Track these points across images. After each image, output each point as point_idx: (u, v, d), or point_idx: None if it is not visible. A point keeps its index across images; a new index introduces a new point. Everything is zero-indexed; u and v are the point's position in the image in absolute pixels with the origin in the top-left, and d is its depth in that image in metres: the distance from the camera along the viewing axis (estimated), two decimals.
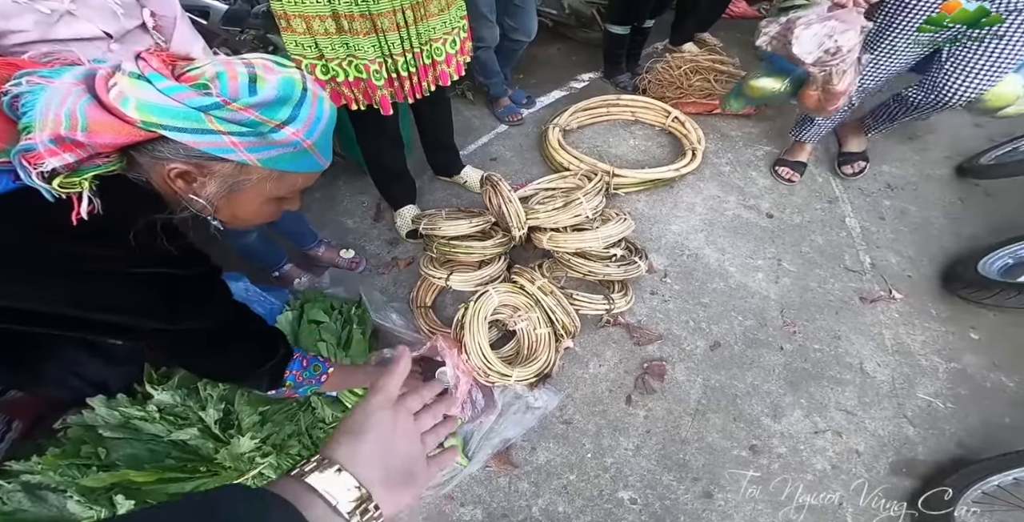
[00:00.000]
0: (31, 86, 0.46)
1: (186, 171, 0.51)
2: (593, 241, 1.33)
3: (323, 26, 0.97)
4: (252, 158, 0.51)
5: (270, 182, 0.56)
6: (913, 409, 1.24)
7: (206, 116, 0.47)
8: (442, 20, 1.08)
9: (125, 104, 0.45)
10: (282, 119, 0.50)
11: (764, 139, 2.03)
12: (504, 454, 1.14)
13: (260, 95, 0.49)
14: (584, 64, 2.54)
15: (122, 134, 0.46)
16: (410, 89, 1.11)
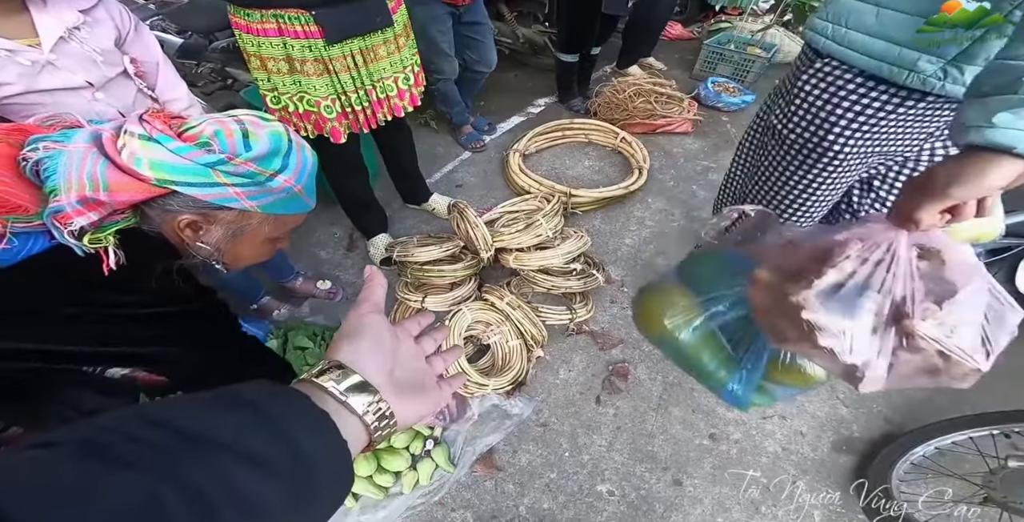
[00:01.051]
0: (48, 152, 0.51)
1: (194, 221, 0.58)
2: (554, 258, 1.48)
3: (276, 66, 1.08)
4: (253, 205, 0.59)
5: (267, 225, 0.64)
6: (844, 391, 1.43)
7: (214, 171, 0.54)
8: (391, 61, 1.20)
9: (139, 164, 0.52)
10: (276, 169, 0.58)
11: (702, 155, 2.30)
12: (488, 458, 1.23)
13: (256, 150, 0.56)
14: (540, 89, 2.77)
15: (139, 192, 0.53)
16: (364, 121, 1.23)
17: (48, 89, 0.81)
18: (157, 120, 0.55)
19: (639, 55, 2.97)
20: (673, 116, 2.41)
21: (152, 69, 0.97)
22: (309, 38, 1.02)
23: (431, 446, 1.22)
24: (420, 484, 1.18)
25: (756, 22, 3.68)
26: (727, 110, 2.72)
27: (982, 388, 1.20)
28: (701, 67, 3.15)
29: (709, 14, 4.08)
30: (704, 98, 2.73)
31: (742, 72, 2.98)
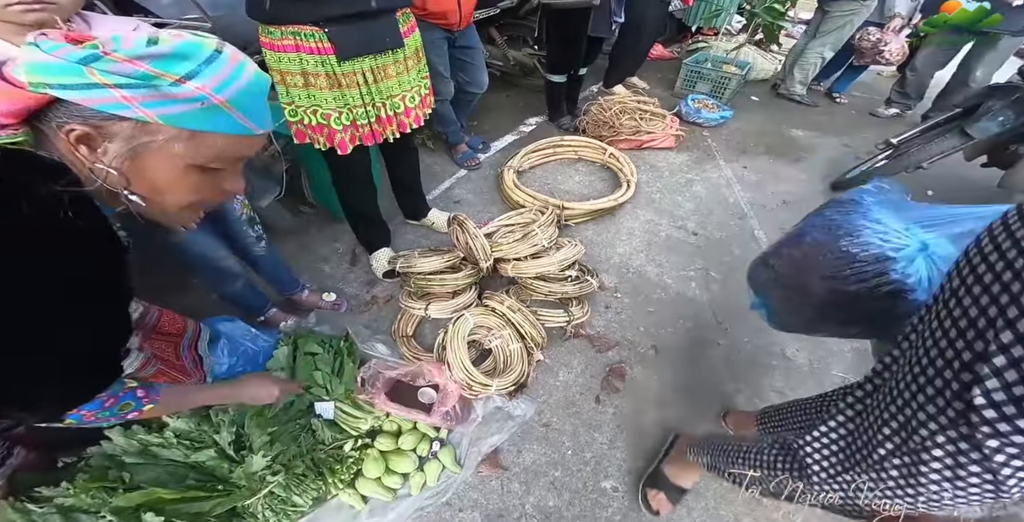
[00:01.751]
0: None
1: (85, 133, 0.50)
2: (550, 265, 1.57)
3: (293, 80, 1.18)
4: (150, 114, 0.49)
5: (180, 143, 0.53)
6: (831, 385, 1.50)
7: (87, 69, 0.46)
8: (399, 81, 1.29)
9: (16, 71, 0.47)
10: (181, 73, 0.49)
11: (685, 167, 2.44)
12: (493, 458, 1.28)
13: (155, 48, 0.48)
14: (531, 109, 2.93)
15: (14, 99, 0.47)
16: (370, 133, 1.32)
17: None
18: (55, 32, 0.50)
19: (625, 75, 3.17)
20: (657, 132, 2.57)
21: None
22: (322, 54, 1.13)
23: (437, 448, 1.27)
24: (428, 485, 1.22)
25: (731, 42, 3.95)
26: (707, 125, 2.89)
27: None
28: (681, 85, 3.36)
29: (687, 35, 4.35)
30: (685, 114, 2.90)
31: (720, 89, 3.18)
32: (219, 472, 1.02)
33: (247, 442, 1.07)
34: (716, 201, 2.23)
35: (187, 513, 0.95)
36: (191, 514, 0.95)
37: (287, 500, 1.10)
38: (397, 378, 1.33)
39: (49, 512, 0.87)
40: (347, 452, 1.21)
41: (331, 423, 1.23)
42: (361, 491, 1.19)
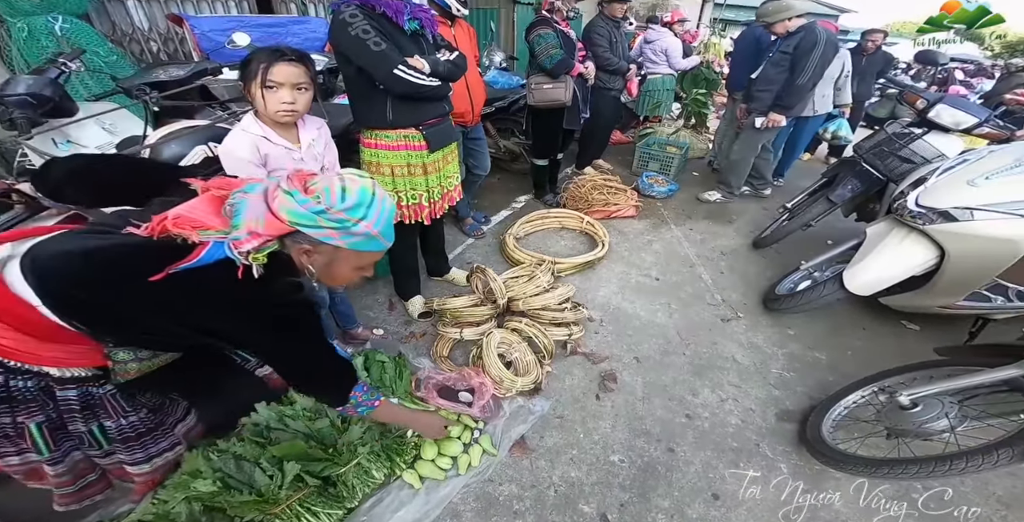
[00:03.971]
0: (237, 199, 0.85)
1: (307, 250, 0.89)
2: (551, 299, 2.18)
3: (400, 171, 1.81)
4: (341, 243, 0.88)
5: (353, 257, 0.93)
6: (773, 379, 2.06)
7: (318, 218, 0.83)
8: (453, 165, 2.01)
9: (281, 210, 0.82)
10: (359, 217, 0.86)
11: (645, 232, 3.24)
12: (521, 444, 1.72)
13: (347, 202, 0.85)
14: (519, 189, 3.79)
15: (280, 229, 0.83)
16: (438, 209, 1.98)
17: None
18: (296, 178, 0.87)
19: (592, 157, 4.18)
20: (621, 204, 3.39)
21: (331, 166, 1.60)
22: (419, 150, 1.79)
23: (478, 435, 1.71)
24: (472, 466, 1.64)
25: (671, 126, 5.10)
26: (659, 197, 3.80)
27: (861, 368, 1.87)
28: (637, 164, 4.35)
29: (638, 122, 5.54)
30: (642, 189, 3.79)
31: (667, 167, 4.15)
32: (329, 440, 1.46)
33: (348, 417, 1.53)
34: (671, 255, 2.98)
35: (309, 470, 1.38)
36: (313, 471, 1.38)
37: (368, 471, 1.51)
38: (443, 382, 1.82)
39: (226, 458, 1.31)
40: (409, 438, 1.64)
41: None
42: (419, 471, 1.56)
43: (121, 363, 1.04)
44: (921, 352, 2.21)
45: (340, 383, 1.15)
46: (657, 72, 4.79)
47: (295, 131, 1.43)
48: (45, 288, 0.89)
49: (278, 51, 1.24)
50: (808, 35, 2.92)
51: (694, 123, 5.20)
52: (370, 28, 1.47)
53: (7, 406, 1.00)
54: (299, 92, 1.31)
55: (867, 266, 1.98)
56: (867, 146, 2.54)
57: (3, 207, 1.60)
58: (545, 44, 2.79)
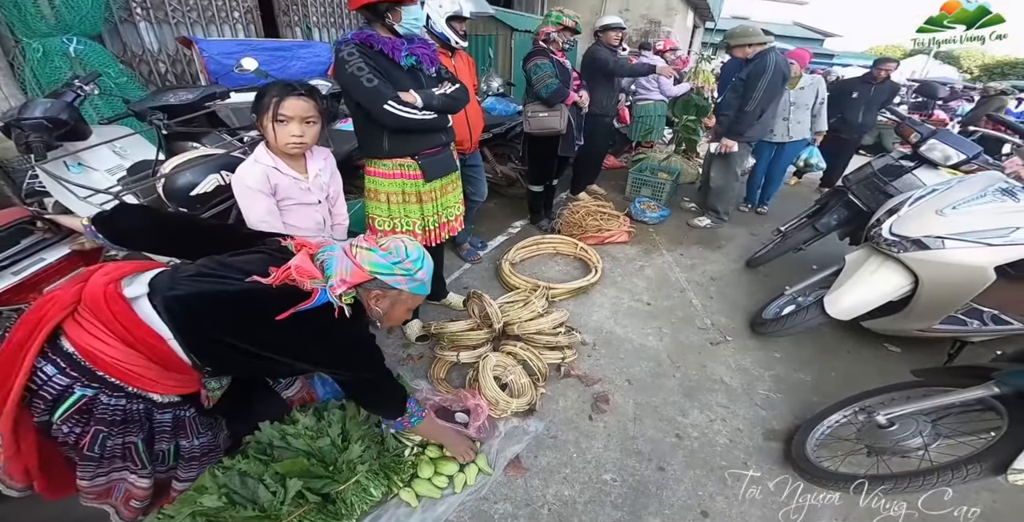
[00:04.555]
0: (328, 256, 1.13)
1: (379, 294, 1.16)
2: (546, 324, 2.28)
3: (396, 199, 1.92)
4: (405, 288, 1.16)
5: (410, 300, 1.23)
6: (760, 400, 2.16)
7: (395, 268, 1.12)
8: (454, 195, 2.12)
9: (364, 263, 1.11)
10: (417, 267, 1.16)
11: (637, 258, 3.36)
12: (516, 463, 1.79)
13: (412, 256, 1.16)
14: (515, 214, 3.92)
15: (362, 278, 1.10)
16: (436, 238, 2.09)
17: (304, 202, 1.55)
18: (370, 239, 1.19)
19: (587, 183, 4.34)
20: (614, 229, 3.53)
21: (335, 195, 1.72)
22: (415, 179, 1.90)
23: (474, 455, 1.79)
24: (468, 484, 1.71)
25: (663, 152, 5.29)
26: (651, 223, 3.94)
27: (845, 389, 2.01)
28: (630, 190, 4.51)
29: (631, 147, 5.74)
30: (635, 215, 3.94)
31: (658, 193, 4.31)
32: (329, 458, 1.53)
33: (349, 435, 1.60)
34: (662, 280, 3.11)
35: (310, 487, 1.44)
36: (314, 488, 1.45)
37: (367, 489, 1.58)
38: (439, 403, 1.90)
39: (231, 475, 1.37)
40: (406, 457, 1.71)
41: (392, 435, 1.75)
42: (416, 489, 1.64)
43: (211, 390, 1.27)
44: (901, 373, 2.31)
45: (397, 397, 1.41)
46: (649, 98, 5.02)
47: (303, 162, 1.55)
48: (182, 324, 1.08)
49: (290, 86, 1.36)
50: (759, 63, 3.07)
51: (685, 149, 5.42)
52: (365, 65, 1.61)
53: (122, 427, 1.15)
54: (307, 125, 1.42)
55: (846, 292, 2.11)
56: (854, 178, 2.69)
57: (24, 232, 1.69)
58: (542, 73, 2.97)
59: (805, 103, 3.75)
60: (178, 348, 1.10)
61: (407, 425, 1.46)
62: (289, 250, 1.20)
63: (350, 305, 1.11)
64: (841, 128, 4.59)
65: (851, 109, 4.53)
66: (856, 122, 4.59)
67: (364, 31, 1.70)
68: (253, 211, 1.45)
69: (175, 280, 1.11)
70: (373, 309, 1.20)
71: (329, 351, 1.17)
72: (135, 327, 1.04)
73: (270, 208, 1.47)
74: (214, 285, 1.09)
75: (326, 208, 1.68)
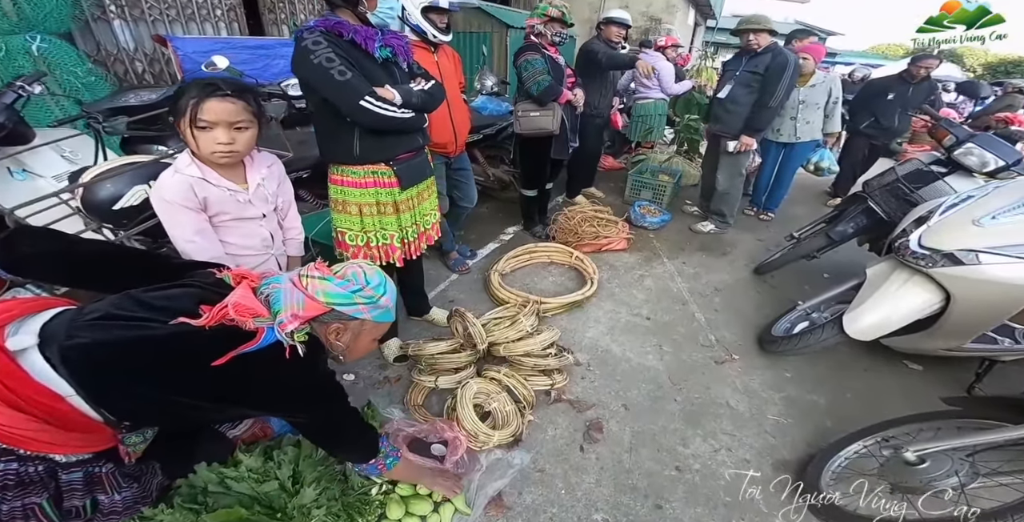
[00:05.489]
0: (274, 289, 1.01)
1: (338, 327, 1.04)
2: (534, 345, 2.11)
3: (369, 210, 1.74)
4: (368, 317, 1.04)
5: (375, 329, 1.11)
6: (769, 426, 2.00)
7: (355, 296, 1.01)
8: (430, 202, 1.95)
9: (318, 294, 0.99)
10: (380, 293, 1.05)
11: (636, 266, 3.19)
12: (498, 500, 1.63)
13: (373, 282, 1.05)
14: (508, 220, 3.75)
15: (317, 310, 0.98)
16: (414, 249, 1.93)
17: (244, 217, 1.37)
18: (322, 268, 1.06)
19: (582, 185, 4.19)
20: (612, 236, 3.36)
21: (286, 206, 1.56)
22: (390, 187, 1.73)
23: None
24: None
25: (664, 153, 5.12)
26: (652, 228, 3.76)
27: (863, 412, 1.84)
28: (629, 193, 4.34)
29: (631, 148, 5.58)
30: (634, 220, 3.78)
31: (659, 196, 4.15)
32: (277, 503, 1.37)
33: (301, 478, 1.44)
34: (663, 292, 2.94)
35: None
36: None
37: None
38: (414, 434, 1.74)
39: None
40: (373, 496, 1.55)
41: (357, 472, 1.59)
42: None
43: (133, 445, 1.19)
44: (925, 394, 2.17)
45: (367, 438, 1.30)
46: (649, 97, 4.87)
47: (241, 170, 1.36)
48: (85, 378, 0.92)
49: (211, 85, 1.17)
50: (780, 57, 2.98)
51: (687, 149, 5.26)
52: (335, 56, 1.43)
53: (19, 491, 0.98)
54: (238, 131, 1.23)
55: (868, 310, 1.94)
56: (876, 184, 2.50)
57: None
58: (533, 70, 2.82)
59: (816, 102, 3.57)
60: (83, 405, 0.94)
61: (382, 469, 1.34)
62: (226, 283, 1.05)
63: (303, 342, 0.99)
64: (874, 133, 4.28)
65: (886, 112, 4.14)
66: (892, 126, 4.20)
67: (331, 18, 1.52)
68: (178, 230, 1.27)
69: (75, 325, 0.94)
70: (334, 344, 1.09)
71: (281, 395, 1.05)
72: (22, 386, 0.88)
73: (199, 226, 1.29)
74: (126, 330, 0.93)
75: (274, 222, 1.51)
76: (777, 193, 4.10)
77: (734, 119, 3.22)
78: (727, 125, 3.27)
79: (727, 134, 3.30)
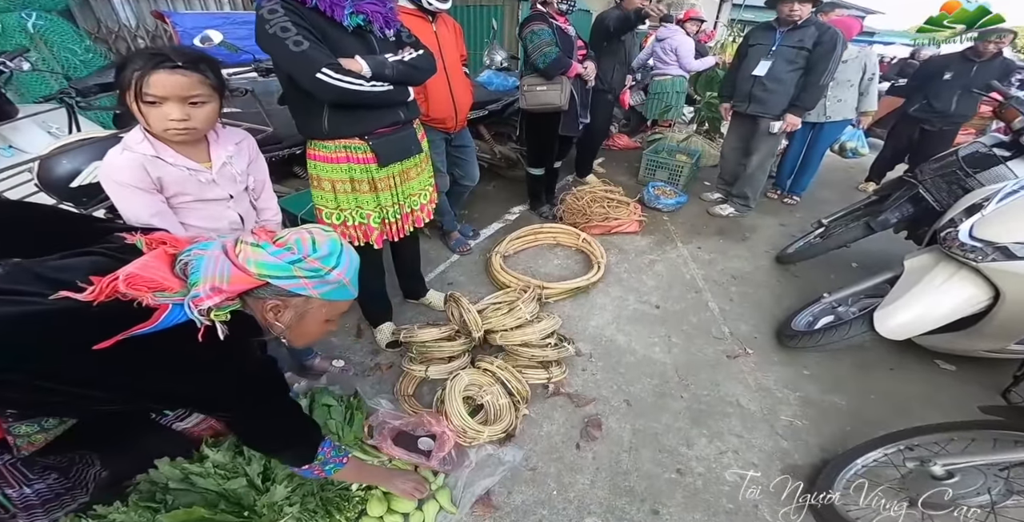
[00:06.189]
0: (196, 256, 0.83)
1: (276, 305, 0.87)
2: (533, 334, 1.98)
3: (343, 187, 1.61)
4: (314, 293, 0.87)
5: (324, 308, 0.92)
6: (781, 428, 1.84)
7: (294, 268, 0.82)
8: (419, 181, 1.79)
9: (249, 264, 0.81)
10: (332, 265, 0.86)
11: (648, 250, 3.01)
12: (486, 500, 1.53)
13: (320, 251, 0.86)
14: (514, 198, 3.58)
15: (247, 283, 0.82)
16: (397, 230, 1.79)
17: (207, 199, 1.25)
18: (262, 233, 0.88)
19: (592, 162, 3.95)
20: (623, 218, 3.18)
21: (260, 186, 1.43)
22: (366, 163, 1.59)
23: (435, 490, 1.54)
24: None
25: (682, 132, 4.86)
26: (666, 210, 3.55)
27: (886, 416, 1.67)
28: (643, 173, 4.12)
29: (646, 126, 5.32)
30: (647, 201, 3.57)
31: (675, 176, 3.92)
32: (246, 500, 1.29)
33: (272, 475, 1.35)
34: (675, 278, 2.76)
35: None
36: None
37: None
38: (400, 427, 1.64)
39: None
40: (353, 492, 1.46)
41: None
42: None
43: (24, 436, 0.98)
44: (957, 398, 1.98)
45: (306, 440, 1.13)
46: (667, 73, 4.58)
47: (204, 148, 1.22)
48: None
49: (158, 55, 1.02)
50: (830, 31, 2.78)
51: (707, 129, 4.96)
52: (291, 25, 1.28)
53: None
54: (194, 107, 1.09)
55: (904, 306, 1.73)
56: (931, 168, 2.21)
57: None
58: (539, 41, 2.61)
59: (848, 79, 3.28)
60: None
61: (319, 474, 1.17)
62: (137, 249, 0.88)
63: (226, 322, 0.82)
64: (925, 116, 3.72)
65: (941, 93, 3.57)
66: (947, 109, 3.58)
67: None
68: (132, 213, 1.14)
69: None
70: (272, 325, 0.92)
71: (191, 388, 0.88)
72: None
73: (156, 208, 1.16)
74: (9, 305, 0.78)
75: (245, 203, 1.38)
76: (804, 176, 3.81)
77: (776, 98, 2.98)
78: (767, 104, 3.03)
79: (767, 114, 3.07)
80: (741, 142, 3.40)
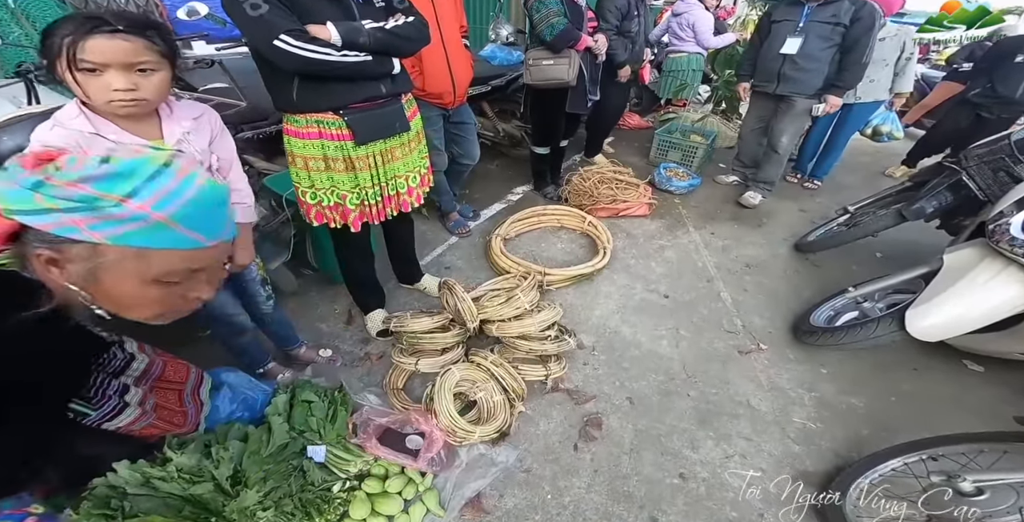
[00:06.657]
0: None
1: (51, 257, 0.56)
2: (531, 326, 1.84)
3: (315, 164, 1.47)
4: (97, 235, 0.54)
5: (130, 261, 0.58)
6: (793, 431, 1.72)
7: (35, 195, 0.51)
8: (404, 162, 1.62)
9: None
10: (123, 193, 0.53)
11: (658, 235, 2.84)
12: (476, 503, 1.44)
13: (99, 169, 0.53)
14: (518, 178, 3.41)
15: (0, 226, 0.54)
16: (377, 213, 1.63)
17: None
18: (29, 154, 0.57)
19: (602, 142, 3.74)
20: (632, 200, 3.00)
21: (227, 165, 1.30)
22: (341, 140, 1.44)
23: (422, 491, 1.44)
24: None
25: (698, 112, 4.61)
26: (678, 193, 3.36)
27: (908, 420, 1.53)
28: (655, 154, 3.91)
29: (660, 105, 5.07)
30: (658, 183, 3.38)
31: (689, 158, 3.70)
32: (213, 506, 1.19)
33: (243, 478, 1.26)
34: (686, 265, 2.60)
35: None
36: None
37: None
38: (387, 425, 1.54)
39: None
40: (335, 493, 1.37)
41: (322, 466, 1.40)
42: None
43: None
44: (985, 402, 1.83)
45: None
46: (683, 50, 4.31)
47: (155, 123, 1.08)
48: None
49: (94, 19, 0.88)
50: (866, 5, 2.57)
51: (724, 109, 4.70)
52: None
53: None
54: (142, 75, 0.95)
55: (941, 304, 1.57)
56: (976, 153, 2.00)
57: None
58: (546, 11, 2.40)
59: (883, 58, 3.02)
60: None
61: None
62: None
63: None
64: (985, 102, 3.34)
65: (1008, 77, 3.17)
66: (1011, 95, 3.17)
67: None
68: None
69: None
70: (57, 284, 0.61)
71: None
72: None
73: None
74: None
75: None
76: (828, 159, 3.57)
77: (810, 77, 2.77)
78: (801, 84, 2.81)
79: (800, 94, 2.85)
80: (761, 123, 3.17)
